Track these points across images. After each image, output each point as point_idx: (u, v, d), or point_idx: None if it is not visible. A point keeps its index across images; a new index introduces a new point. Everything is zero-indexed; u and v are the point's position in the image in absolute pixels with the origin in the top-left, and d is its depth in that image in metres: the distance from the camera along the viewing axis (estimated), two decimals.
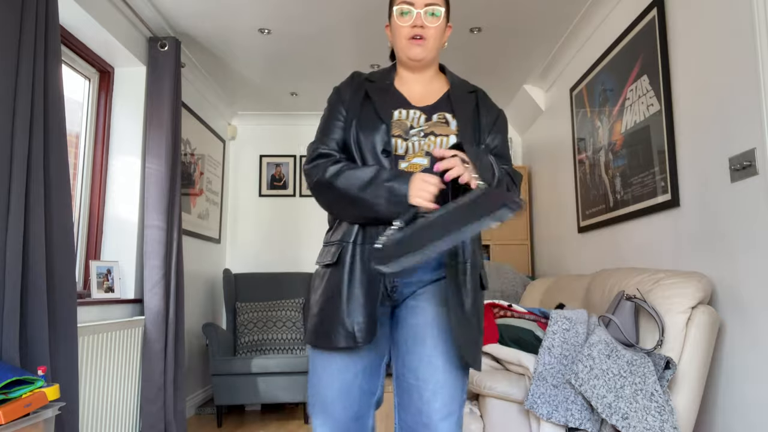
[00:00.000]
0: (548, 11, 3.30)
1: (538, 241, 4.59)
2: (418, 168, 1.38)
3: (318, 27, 3.48)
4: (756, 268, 1.90)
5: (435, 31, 1.45)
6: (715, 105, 2.13)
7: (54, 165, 2.20)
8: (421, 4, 1.43)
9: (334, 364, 1.38)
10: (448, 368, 1.34)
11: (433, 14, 1.44)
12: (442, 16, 1.46)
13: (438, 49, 1.49)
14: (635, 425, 1.81)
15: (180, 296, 3.25)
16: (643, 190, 2.69)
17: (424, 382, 1.33)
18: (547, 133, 4.32)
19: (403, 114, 1.44)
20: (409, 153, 1.40)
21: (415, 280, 1.40)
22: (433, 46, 1.46)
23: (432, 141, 1.40)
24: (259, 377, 3.71)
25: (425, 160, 1.39)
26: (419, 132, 1.41)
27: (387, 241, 1.19)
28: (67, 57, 2.92)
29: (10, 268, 1.92)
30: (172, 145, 3.27)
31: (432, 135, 1.41)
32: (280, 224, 5.13)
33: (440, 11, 1.45)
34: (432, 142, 1.39)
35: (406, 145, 1.40)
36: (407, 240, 1.17)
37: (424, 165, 1.38)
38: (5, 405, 1.64)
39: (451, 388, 1.33)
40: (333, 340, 1.33)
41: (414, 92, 1.50)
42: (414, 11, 1.43)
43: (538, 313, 2.48)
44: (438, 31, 1.45)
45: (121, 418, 2.83)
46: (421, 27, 1.43)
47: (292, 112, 5.16)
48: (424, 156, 1.39)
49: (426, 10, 1.43)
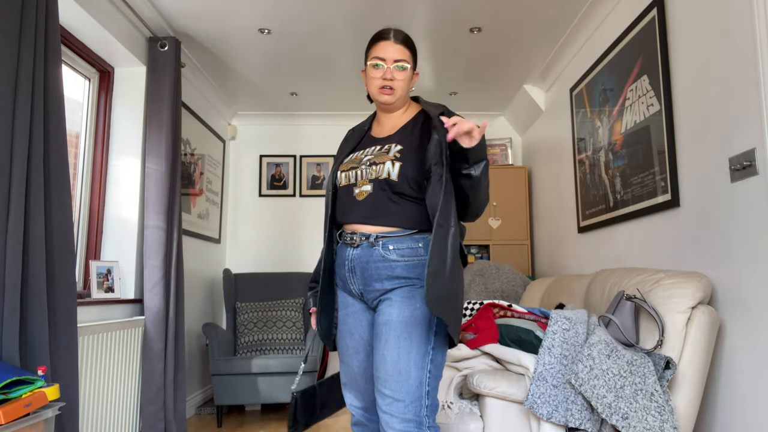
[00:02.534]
0: (548, 11, 3.30)
1: (538, 241, 4.59)
2: (364, 194, 1.65)
3: (318, 27, 3.48)
4: (756, 268, 1.90)
5: (402, 82, 1.71)
6: (715, 105, 2.13)
7: (54, 165, 2.20)
8: (390, 60, 1.69)
9: (350, 348, 1.74)
10: (395, 360, 1.54)
11: (401, 68, 1.70)
12: (409, 69, 1.72)
13: (406, 93, 1.76)
14: (635, 425, 1.81)
15: (180, 296, 3.25)
16: (643, 190, 2.69)
17: (377, 372, 1.58)
18: (547, 133, 4.32)
19: (360, 152, 1.74)
20: (358, 180, 1.68)
21: (373, 289, 1.65)
22: (401, 93, 1.72)
23: (373, 169, 1.65)
24: (259, 377, 3.71)
25: (369, 186, 1.66)
26: (367, 161, 1.68)
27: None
28: (67, 57, 2.92)
29: (10, 268, 1.92)
30: (172, 145, 3.27)
31: (374, 164, 1.66)
32: (280, 224, 5.13)
33: (407, 66, 1.71)
34: (374, 170, 1.65)
35: (356, 173, 1.69)
36: None
37: (368, 190, 1.65)
38: (5, 405, 1.64)
39: (399, 377, 1.53)
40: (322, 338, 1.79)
41: (384, 129, 1.78)
42: (384, 66, 1.69)
43: (538, 313, 2.48)
44: (405, 81, 1.72)
45: (121, 418, 2.83)
46: (391, 79, 1.69)
47: (292, 112, 5.16)
48: (368, 183, 1.66)
49: (395, 66, 1.69)
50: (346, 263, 1.68)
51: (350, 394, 1.76)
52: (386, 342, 1.56)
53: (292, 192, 5.17)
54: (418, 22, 3.42)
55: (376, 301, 1.67)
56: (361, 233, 1.65)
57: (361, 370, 1.72)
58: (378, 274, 1.62)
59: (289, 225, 5.13)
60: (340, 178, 1.73)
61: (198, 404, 4.19)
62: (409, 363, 1.54)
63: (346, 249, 1.69)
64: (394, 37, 1.71)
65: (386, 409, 1.54)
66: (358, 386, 1.74)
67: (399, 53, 1.70)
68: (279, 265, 5.06)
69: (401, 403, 1.52)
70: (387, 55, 1.69)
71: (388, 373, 1.54)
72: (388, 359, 1.55)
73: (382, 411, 1.55)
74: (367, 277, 1.64)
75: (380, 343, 1.58)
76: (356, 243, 1.65)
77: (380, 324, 1.60)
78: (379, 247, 1.61)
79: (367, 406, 1.75)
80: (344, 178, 1.72)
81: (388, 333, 1.57)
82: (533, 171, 4.72)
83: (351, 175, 1.70)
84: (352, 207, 1.68)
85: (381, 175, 1.63)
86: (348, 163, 1.73)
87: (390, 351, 1.55)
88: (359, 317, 1.73)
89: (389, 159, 1.64)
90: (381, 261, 1.61)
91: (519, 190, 4.70)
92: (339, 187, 1.74)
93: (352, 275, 1.68)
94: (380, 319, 1.61)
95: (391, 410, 1.53)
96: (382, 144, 1.72)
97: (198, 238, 4.29)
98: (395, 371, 1.54)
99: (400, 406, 1.52)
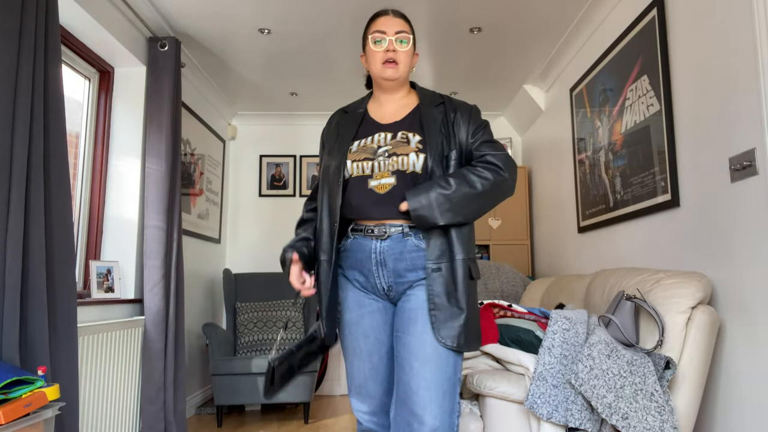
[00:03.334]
0: (548, 11, 3.30)
1: (538, 241, 4.59)
2: (387, 187, 1.58)
3: (318, 27, 3.48)
4: (756, 268, 1.90)
5: (405, 55, 1.67)
6: (715, 105, 2.13)
7: (54, 165, 2.20)
8: (392, 33, 1.65)
9: (364, 350, 1.64)
10: (436, 345, 1.51)
11: (402, 41, 1.66)
12: (410, 43, 1.68)
13: (408, 72, 1.71)
14: (635, 425, 1.81)
15: (180, 296, 3.25)
16: (643, 190, 2.69)
17: (414, 355, 1.51)
18: (547, 133, 4.32)
19: (368, 140, 1.65)
20: (376, 172, 1.59)
21: (406, 280, 1.59)
22: (404, 68, 1.67)
23: (395, 161, 1.59)
24: (259, 377, 3.71)
25: (392, 178, 1.58)
26: (384, 152, 1.61)
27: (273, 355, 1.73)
28: (67, 57, 2.92)
29: (10, 268, 1.92)
30: (172, 145, 3.27)
31: (395, 155, 1.59)
32: (280, 224, 5.13)
33: (409, 39, 1.67)
34: (396, 162, 1.59)
35: (372, 164, 1.60)
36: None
37: (392, 183, 1.58)
38: (5, 405, 1.64)
39: (439, 361, 1.50)
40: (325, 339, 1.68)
41: (386, 113, 1.72)
42: (386, 38, 1.65)
43: (538, 313, 2.48)
44: (407, 55, 1.68)
45: (121, 418, 2.83)
46: (394, 51, 1.65)
47: (292, 112, 5.15)
48: (390, 175, 1.58)
49: (396, 38, 1.65)
50: (373, 256, 1.59)
51: (357, 398, 1.67)
52: (425, 325, 1.51)
53: (292, 192, 5.17)
54: (418, 22, 3.42)
55: (401, 294, 1.61)
56: (390, 225, 1.58)
57: (373, 372, 1.64)
58: (413, 265, 1.57)
59: (289, 225, 5.13)
60: (351, 169, 1.62)
61: (198, 404, 4.19)
62: (447, 355, 1.51)
63: (370, 242, 1.60)
64: (392, 12, 1.69)
65: (419, 395, 1.47)
66: (368, 390, 1.65)
67: (399, 26, 1.66)
68: (279, 265, 5.05)
69: (433, 392, 1.48)
70: (388, 28, 1.65)
71: (428, 356, 1.49)
72: (428, 342, 1.50)
73: (415, 394, 1.48)
74: (400, 269, 1.58)
75: (416, 327, 1.52)
76: (386, 235, 1.58)
77: (413, 308, 1.55)
78: (412, 238, 1.57)
79: (374, 410, 1.66)
80: (356, 168, 1.61)
81: (426, 316, 1.52)
82: (533, 171, 4.72)
83: (366, 166, 1.60)
84: (373, 200, 1.59)
85: (407, 167, 1.57)
86: (359, 153, 1.63)
87: (430, 335, 1.50)
88: (376, 318, 1.65)
89: (412, 150, 1.59)
90: (415, 251, 1.56)
91: (519, 190, 4.70)
92: (347, 179, 1.63)
93: (381, 268, 1.59)
94: (411, 304, 1.56)
95: (426, 398, 1.47)
96: (393, 131, 1.64)
97: (198, 238, 4.29)
98: (436, 355, 1.49)
99: (433, 395, 1.48)
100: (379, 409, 1.66)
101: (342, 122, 1.73)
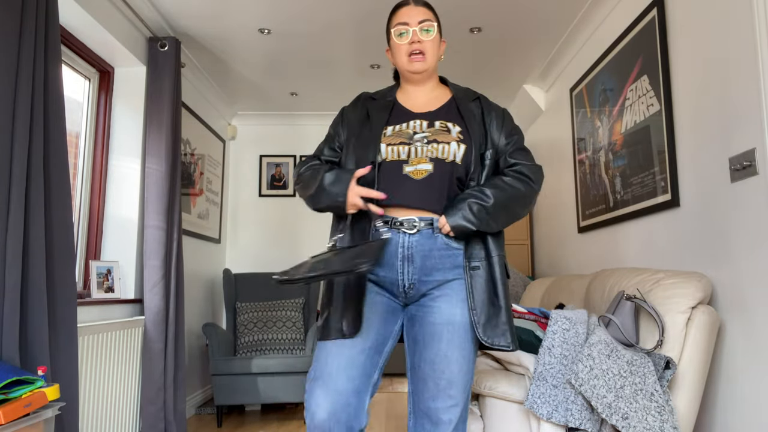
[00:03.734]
0: (548, 11, 3.29)
1: (538, 241, 4.58)
2: (423, 173, 1.51)
3: (318, 27, 3.48)
4: (756, 268, 1.90)
5: (431, 44, 1.59)
6: (715, 105, 2.13)
7: (54, 165, 2.20)
8: (415, 23, 1.58)
9: (345, 340, 1.50)
10: (461, 362, 1.49)
11: (427, 30, 1.58)
12: (435, 30, 1.60)
13: (436, 61, 1.63)
14: (635, 425, 1.81)
15: (180, 296, 3.25)
16: (643, 190, 2.69)
17: (440, 373, 1.48)
18: (547, 133, 4.32)
19: (403, 126, 1.56)
20: (412, 157, 1.52)
21: (432, 279, 1.52)
22: (431, 58, 1.60)
23: (435, 148, 1.52)
24: (259, 377, 3.71)
25: (429, 165, 1.51)
26: (423, 138, 1.53)
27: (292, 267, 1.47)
28: (67, 57, 2.92)
29: (10, 268, 1.92)
30: (172, 145, 3.27)
31: (435, 142, 1.52)
32: (280, 224, 5.13)
33: (433, 26, 1.59)
34: (435, 149, 1.52)
35: (408, 149, 1.52)
36: (303, 265, 1.45)
37: (429, 170, 1.51)
38: (5, 405, 1.64)
39: (463, 380, 1.50)
40: (326, 334, 1.52)
41: (417, 103, 1.64)
42: (410, 30, 1.58)
43: (538, 313, 2.48)
44: (433, 44, 1.60)
45: (121, 418, 2.83)
46: (419, 42, 1.57)
47: (292, 112, 5.16)
48: (428, 162, 1.51)
49: (420, 27, 1.58)
50: (401, 251, 1.50)
51: (321, 389, 1.45)
52: (449, 342, 1.48)
53: (292, 192, 5.17)
54: None
55: (420, 297, 1.54)
56: (421, 218, 1.50)
57: (349, 362, 1.47)
58: (442, 263, 1.51)
59: (289, 225, 5.13)
60: (386, 152, 1.52)
61: (198, 404, 4.19)
62: (470, 367, 1.51)
63: (397, 235, 1.50)
64: (413, 1, 1.61)
65: (445, 413, 1.48)
66: (335, 383, 1.44)
67: (422, 14, 1.58)
68: (279, 265, 5.06)
69: (457, 409, 1.49)
70: (410, 18, 1.58)
71: (453, 374, 1.48)
72: (453, 361, 1.48)
73: (439, 411, 1.48)
74: (428, 267, 1.50)
75: (441, 344, 1.48)
76: (415, 229, 1.50)
77: (438, 323, 1.50)
78: (442, 235, 1.50)
79: (335, 409, 1.43)
80: (391, 152, 1.52)
81: (452, 333, 1.49)
82: None
83: (402, 151, 1.52)
84: (406, 187, 1.51)
85: (447, 156, 1.51)
86: (394, 137, 1.54)
87: (454, 351, 1.48)
88: (379, 310, 1.55)
89: (454, 140, 1.53)
90: (445, 249, 1.51)
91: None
92: (383, 162, 1.53)
93: (408, 264, 1.51)
94: (436, 318, 1.50)
95: (451, 416, 1.49)
96: (429, 119, 1.57)
97: (198, 238, 4.29)
98: (461, 374, 1.49)
99: (456, 412, 1.49)
100: (341, 409, 1.43)
101: (371, 107, 1.63)
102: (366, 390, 1.50)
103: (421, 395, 1.52)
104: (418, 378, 1.53)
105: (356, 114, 1.64)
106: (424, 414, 1.51)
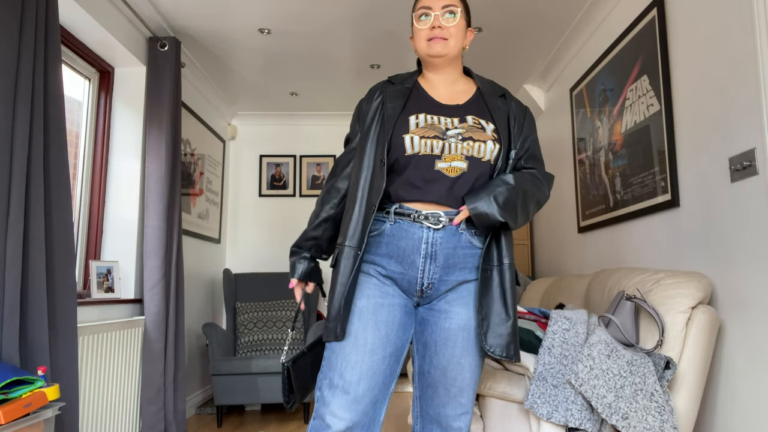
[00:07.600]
0: (548, 11, 3.30)
1: (538, 241, 4.59)
2: (457, 171, 1.45)
3: (318, 26, 3.48)
4: (756, 268, 1.90)
5: (454, 29, 1.52)
6: (715, 105, 2.13)
7: (54, 165, 2.20)
8: (437, 7, 1.51)
9: (367, 344, 1.42)
10: (474, 370, 1.48)
11: (451, 13, 1.51)
12: (460, 15, 1.52)
13: (459, 49, 1.55)
14: (635, 425, 1.81)
15: (180, 296, 3.25)
16: (643, 190, 2.69)
17: (452, 380, 1.46)
18: (547, 133, 4.32)
19: (434, 118, 1.49)
20: (445, 153, 1.45)
21: (452, 279, 1.47)
22: (454, 44, 1.52)
23: (471, 146, 1.46)
24: (259, 377, 3.71)
25: (464, 163, 1.45)
26: (457, 135, 1.46)
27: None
28: (67, 57, 2.92)
29: (10, 268, 1.92)
30: (172, 145, 3.27)
31: (470, 140, 1.46)
32: (280, 224, 5.13)
33: (457, 10, 1.52)
34: (471, 147, 1.45)
35: (442, 145, 1.45)
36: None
37: (463, 168, 1.45)
38: (5, 405, 1.64)
39: (474, 387, 1.49)
40: (327, 335, 1.43)
41: (441, 93, 1.57)
42: (432, 14, 1.51)
43: (538, 313, 2.48)
44: (457, 29, 1.52)
45: (121, 418, 2.83)
46: (440, 27, 1.50)
47: (292, 112, 5.15)
48: (463, 160, 1.45)
49: (443, 11, 1.51)
50: (423, 247, 1.43)
51: (339, 400, 1.37)
52: (464, 349, 1.46)
53: (292, 192, 5.17)
54: None
55: (435, 299, 1.49)
56: (446, 212, 1.45)
57: (371, 372, 1.40)
58: (464, 262, 1.46)
59: (289, 225, 5.13)
60: (419, 145, 1.44)
61: (198, 404, 4.19)
62: (480, 373, 1.51)
63: (419, 230, 1.44)
64: None
65: (456, 420, 1.48)
66: (355, 391, 1.38)
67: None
68: (279, 265, 5.06)
69: (468, 416, 1.49)
70: (433, 2, 1.51)
71: (465, 382, 1.46)
72: (467, 368, 1.46)
73: (450, 418, 1.48)
74: (451, 265, 1.45)
75: (456, 350, 1.45)
76: (442, 224, 1.44)
77: (452, 329, 1.46)
78: (466, 233, 1.46)
79: (357, 419, 1.37)
80: (423, 145, 1.44)
81: (467, 340, 1.46)
82: None
83: (435, 145, 1.44)
84: (437, 182, 1.45)
85: (483, 155, 1.46)
86: (428, 129, 1.46)
87: (468, 358, 1.46)
88: (395, 313, 1.46)
89: (490, 138, 1.47)
90: (468, 248, 1.46)
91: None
92: (409, 156, 1.45)
93: (430, 261, 1.44)
94: (451, 324, 1.47)
95: (461, 423, 1.49)
96: (459, 115, 1.50)
97: (198, 238, 4.29)
98: (473, 381, 1.47)
99: (467, 419, 1.49)
100: (361, 418, 1.38)
101: (388, 94, 1.55)
102: (384, 401, 1.45)
103: (430, 401, 1.50)
104: (427, 384, 1.50)
105: (372, 105, 1.56)
106: (434, 420, 1.50)
